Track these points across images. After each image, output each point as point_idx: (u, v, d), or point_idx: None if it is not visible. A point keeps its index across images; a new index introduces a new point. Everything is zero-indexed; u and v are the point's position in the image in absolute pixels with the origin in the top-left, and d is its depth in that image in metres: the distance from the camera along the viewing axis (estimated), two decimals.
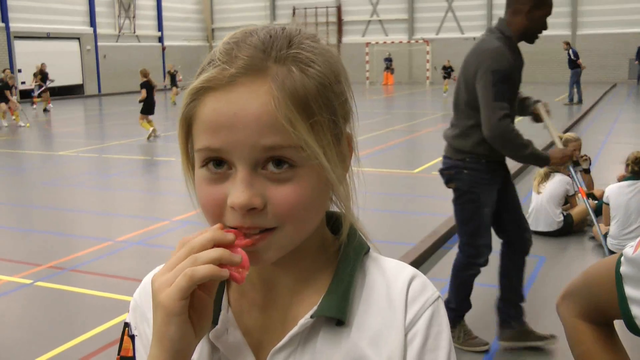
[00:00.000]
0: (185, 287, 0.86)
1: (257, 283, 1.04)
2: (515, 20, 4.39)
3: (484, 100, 4.24)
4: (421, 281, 1.02)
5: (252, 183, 0.89)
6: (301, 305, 1.01)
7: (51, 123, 22.92)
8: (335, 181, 0.94)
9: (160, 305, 0.88)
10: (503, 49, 4.29)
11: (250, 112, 0.87)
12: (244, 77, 0.89)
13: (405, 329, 0.98)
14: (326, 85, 0.92)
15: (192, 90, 0.92)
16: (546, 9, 4.35)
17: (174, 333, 0.88)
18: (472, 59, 4.44)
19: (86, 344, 4.98)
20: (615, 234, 6.76)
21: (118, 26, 42.88)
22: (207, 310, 0.92)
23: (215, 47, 0.95)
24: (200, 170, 0.94)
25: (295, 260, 1.00)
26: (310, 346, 0.99)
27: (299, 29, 0.96)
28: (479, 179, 4.47)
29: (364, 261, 1.05)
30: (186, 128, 0.95)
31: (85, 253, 7.29)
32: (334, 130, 0.93)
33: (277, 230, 0.92)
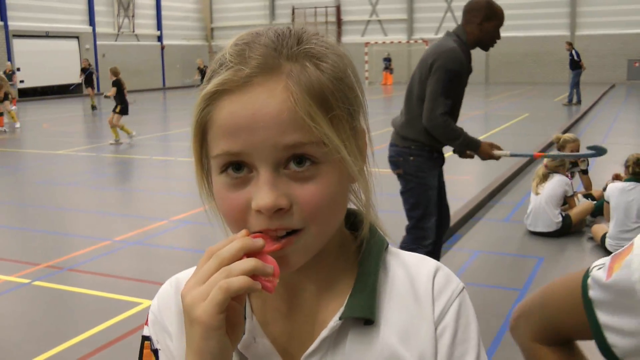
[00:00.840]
0: (222, 300, 0.84)
1: (280, 289, 1.01)
2: (468, 30, 4.80)
3: (432, 94, 4.65)
4: (445, 273, 1.02)
5: (276, 184, 0.88)
6: (327, 307, 1.00)
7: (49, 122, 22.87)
8: (357, 175, 0.94)
9: (197, 321, 0.85)
10: (459, 51, 4.68)
11: (269, 111, 0.86)
12: (259, 76, 0.88)
13: (435, 322, 0.98)
14: (340, 79, 0.92)
15: (205, 95, 0.91)
16: (496, 20, 4.78)
17: (214, 347, 0.86)
18: (429, 57, 4.77)
19: (84, 344, 4.97)
20: (613, 234, 6.76)
21: (117, 25, 42.88)
22: (239, 319, 0.91)
23: (223, 50, 0.94)
24: (219, 177, 0.92)
25: (317, 263, 0.98)
26: (340, 349, 0.97)
27: (304, 27, 0.96)
28: (423, 164, 4.86)
29: (384, 257, 1.04)
30: (200, 135, 0.94)
31: (83, 252, 7.28)
32: (351, 123, 0.93)
33: (303, 232, 0.90)
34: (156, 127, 21.12)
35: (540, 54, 41.57)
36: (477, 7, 4.80)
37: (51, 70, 37.32)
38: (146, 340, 1.08)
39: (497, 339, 4.88)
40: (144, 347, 1.08)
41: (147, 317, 1.10)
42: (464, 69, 4.77)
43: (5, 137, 19.08)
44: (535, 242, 7.40)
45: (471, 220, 8.23)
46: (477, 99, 28.53)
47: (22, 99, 35.25)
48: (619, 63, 40.71)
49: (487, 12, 4.78)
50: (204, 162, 0.97)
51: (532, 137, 15.71)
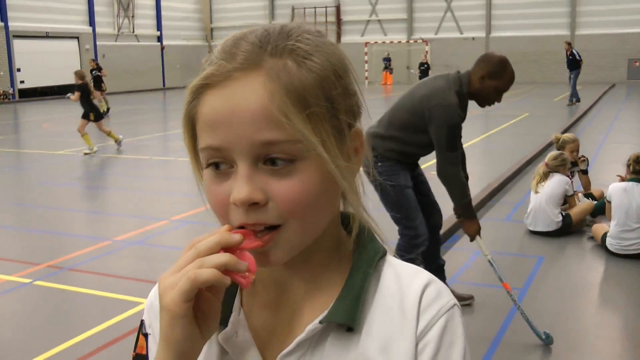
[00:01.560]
0: (188, 290, 0.85)
1: (270, 284, 1.03)
2: (472, 78, 4.81)
3: (439, 149, 4.80)
4: (436, 288, 0.98)
5: (253, 178, 0.89)
6: (313, 308, 0.99)
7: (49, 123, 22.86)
8: (335, 172, 0.92)
9: (165, 308, 0.88)
10: (457, 106, 4.73)
11: (246, 107, 0.87)
12: (240, 72, 0.89)
13: (417, 338, 0.95)
14: (325, 78, 0.91)
15: (192, 88, 0.92)
16: (499, 82, 4.76)
17: (179, 335, 0.88)
18: (425, 101, 4.81)
19: (84, 344, 4.97)
20: (614, 234, 6.76)
21: (117, 26, 42.87)
22: (214, 311, 0.92)
23: (215, 49, 0.95)
24: (206, 171, 0.94)
25: (307, 262, 0.99)
26: (319, 352, 0.97)
27: (300, 25, 0.96)
28: (391, 167, 4.95)
29: (379, 265, 1.02)
30: (190, 128, 0.95)
31: (83, 252, 7.29)
32: (333, 122, 0.92)
33: (284, 228, 0.91)
34: (156, 127, 21.11)
35: (540, 54, 41.57)
36: (489, 60, 4.79)
37: (51, 71, 37.31)
38: (142, 324, 1.10)
39: (497, 339, 4.89)
40: (140, 331, 1.11)
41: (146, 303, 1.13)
42: (461, 120, 4.87)
43: (4, 137, 19.09)
44: (536, 242, 7.40)
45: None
46: None
47: (22, 100, 35.27)
48: (619, 62, 40.71)
49: (495, 69, 4.74)
50: (197, 156, 0.98)
51: (532, 137, 15.71)
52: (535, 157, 12.36)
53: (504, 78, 4.77)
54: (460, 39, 44.26)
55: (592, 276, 6.53)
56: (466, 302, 5.49)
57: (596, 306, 5.77)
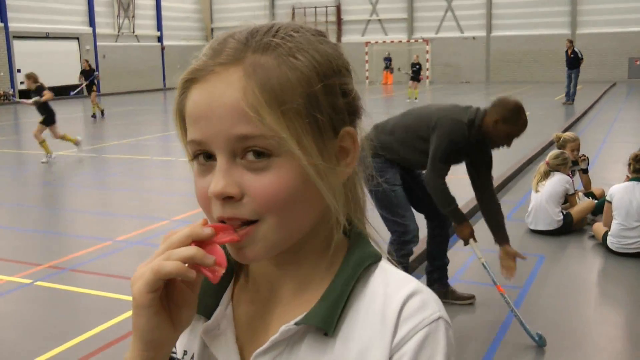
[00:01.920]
0: (151, 281, 0.87)
1: (260, 282, 1.03)
2: (486, 120, 4.84)
3: (432, 156, 4.82)
4: (421, 299, 0.93)
5: (230, 172, 0.89)
6: (297, 309, 0.98)
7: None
8: (309, 170, 0.90)
9: (133, 297, 0.89)
10: (464, 127, 4.79)
11: (222, 102, 0.88)
12: (220, 66, 0.90)
13: (392, 350, 0.91)
14: (307, 76, 0.90)
15: (180, 82, 0.94)
16: (512, 128, 4.81)
17: (144, 324, 0.89)
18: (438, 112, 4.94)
19: (86, 344, 4.98)
20: (615, 232, 6.76)
21: (117, 26, 42.89)
22: (188, 303, 0.92)
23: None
24: (193, 163, 0.95)
25: (296, 262, 0.98)
26: (295, 353, 0.95)
27: (290, 24, 0.96)
28: (380, 164, 4.98)
29: (370, 270, 0.98)
30: (181, 122, 0.96)
31: (84, 253, 7.29)
32: (311, 119, 0.91)
33: (260, 224, 0.90)
34: (157, 128, 21.12)
35: (540, 53, 41.57)
36: (503, 105, 4.82)
37: (52, 72, 37.28)
38: None
39: (498, 338, 4.89)
40: None
41: None
42: (465, 144, 4.85)
43: (4, 137, 19.09)
44: (536, 241, 7.40)
45: (472, 219, 8.22)
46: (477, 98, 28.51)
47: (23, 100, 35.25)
48: (620, 61, 40.71)
49: (509, 114, 4.78)
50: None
51: (533, 136, 15.66)
52: (536, 156, 12.36)
53: (517, 125, 4.82)
54: (461, 38, 44.25)
55: (593, 275, 6.53)
56: (467, 302, 5.49)
57: (597, 304, 5.77)
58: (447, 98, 29.53)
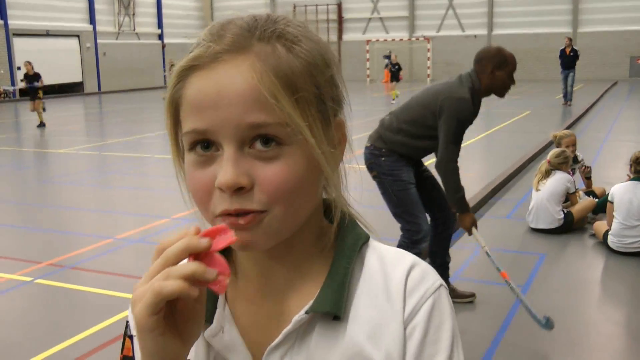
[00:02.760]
0: (153, 303, 0.81)
1: (253, 277, 1.02)
2: (481, 78, 4.92)
3: (444, 140, 4.85)
4: (421, 270, 0.98)
5: (239, 162, 0.87)
6: (298, 300, 0.99)
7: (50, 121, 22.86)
8: (321, 158, 0.91)
9: (135, 320, 0.84)
10: (469, 101, 4.85)
11: (233, 89, 0.86)
12: (228, 54, 0.88)
13: (405, 322, 0.95)
14: (312, 64, 0.91)
15: (178, 71, 0.91)
16: (508, 67, 4.91)
17: (151, 347, 0.84)
18: (441, 97, 4.91)
19: (86, 342, 4.97)
20: (616, 231, 6.75)
21: (118, 23, 42.88)
22: (196, 315, 0.87)
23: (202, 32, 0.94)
24: (188, 155, 0.92)
25: (290, 251, 0.98)
26: (306, 343, 0.96)
27: (286, 15, 0.96)
28: (394, 163, 5.02)
29: (363, 251, 1.01)
30: (174, 112, 0.94)
31: (85, 250, 7.29)
32: (320, 107, 0.92)
33: (267, 214, 0.89)
34: (158, 126, 21.10)
35: (542, 52, 41.54)
36: (488, 56, 4.91)
37: (52, 69, 37.30)
38: (127, 326, 1.08)
39: (499, 337, 4.89)
40: (126, 333, 1.08)
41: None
42: (473, 117, 4.97)
43: (5, 135, 19.09)
44: (537, 239, 7.40)
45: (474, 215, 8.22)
46: None
47: (23, 98, 35.22)
48: (622, 60, 40.69)
49: (498, 59, 4.88)
50: (179, 142, 0.97)
51: (533, 134, 15.70)
52: (537, 154, 12.35)
53: (509, 63, 4.91)
54: (462, 36, 44.24)
55: (593, 273, 6.53)
56: (468, 300, 5.49)
57: (598, 303, 5.77)
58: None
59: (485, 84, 4.92)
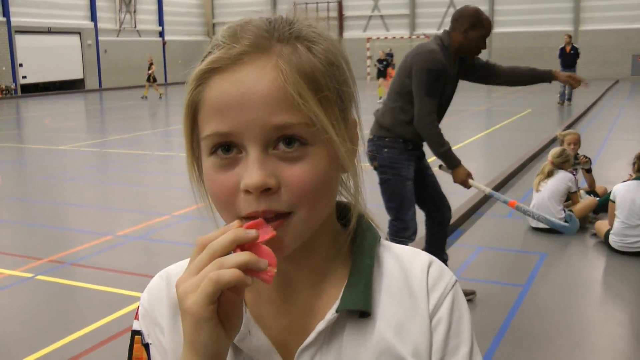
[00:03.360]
0: (212, 292, 0.82)
1: (274, 281, 1.01)
2: (453, 36, 4.95)
3: (418, 95, 4.83)
4: (438, 266, 1.03)
5: (265, 164, 0.87)
6: (320, 300, 1.00)
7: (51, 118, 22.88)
8: (344, 158, 0.93)
9: (188, 312, 0.84)
10: (438, 52, 4.85)
11: (258, 90, 0.86)
12: (250, 55, 0.88)
13: (430, 315, 0.99)
14: (332, 63, 0.92)
15: (197, 74, 0.91)
16: (482, 30, 4.93)
17: (206, 338, 0.85)
18: (409, 57, 4.99)
19: (86, 338, 4.98)
20: (617, 231, 6.74)
21: (119, 21, 42.89)
22: (237, 309, 0.88)
23: (217, 34, 0.94)
24: (209, 159, 0.91)
25: (309, 254, 0.98)
26: (335, 341, 0.97)
27: (296, 16, 0.96)
28: (397, 156, 5.02)
29: (378, 251, 1.04)
30: (191, 116, 0.93)
31: (85, 247, 7.29)
32: (341, 106, 0.93)
33: (293, 215, 0.90)
34: (158, 123, 21.14)
35: (543, 50, 41.49)
36: (464, 15, 4.95)
37: (53, 66, 37.37)
38: (136, 334, 1.06)
39: (500, 335, 4.88)
40: (135, 342, 1.06)
41: (137, 311, 1.08)
42: (445, 70, 4.89)
43: (6, 131, 19.10)
44: (538, 238, 7.39)
45: (474, 215, 8.23)
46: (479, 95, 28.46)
47: (25, 95, 35.31)
48: (623, 58, 40.63)
49: (474, 20, 4.91)
50: (194, 147, 0.96)
51: (534, 133, 15.69)
52: (538, 153, 12.35)
53: (484, 24, 4.94)
54: None
55: (594, 273, 6.52)
56: (468, 298, 5.48)
57: (599, 303, 5.76)
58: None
59: (457, 42, 4.94)
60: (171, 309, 1.02)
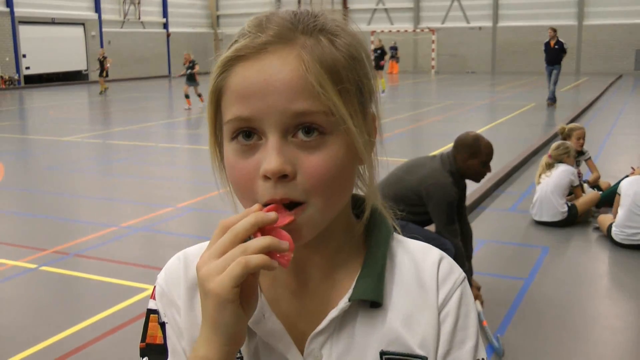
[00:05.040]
0: (240, 275, 0.86)
1: (289, 267, 1.03)
2: (458, 163, 5.08)
3: (442, 224, 4.98)
4: (448, 262, 1.06)
5: (284, 150, 0.90)
6: (334, 288, 1.03)
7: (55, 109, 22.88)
8: (361, 148, 0.95)
9: (211, 293, 0.87)
10: (452, 184, 4.99)
11: (280, 78, 0.89)
12: (274, 45, 0.91)
13: (438, 308, 1.02)
14: (353, 57, 0.94)
15: (223, 60, 0.94)
16: (481, 157, 5.05)
17: (229, 319, 0.88)
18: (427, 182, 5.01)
19: (90, 329, 5.00)
20: (620, 223, 6.75)
21: (123, 12, 42.81)
22: (254, 292, 0.92)
23: (244, 24, 0.97)
24: (230, 144, 0.94)
25: (324, 242, 1.00)
26: (346, 329, 1.00)
27: (321, 10, 0.98)
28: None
29: (390, 243, 1.06)
30: (215, 101, 0.96)
31: (89, 238, 7.32)
32: (360, 99, 0.95)
33: (308, 206, 0.92)
34: (162, 115, 21.13)
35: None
36: (465, 144, 5.07)
37: (57, 57, 37.33)
38: (152, 313, 1.09)
39: (502, 328, 4.90)
40: (150, 320, 1.09)
41: (153, 291, 1.10)
42: (457, 195, 5.06)
43: (10, 123, 19.13)
44: (541, 232, 7.40)
45: (477, 209, 8.24)
46: (483, 89, 28.45)
47: (28, 86, 35.30)
48: (627, 53, 40.49)
49: (473, 149, 5.04)
50: (217, 133, 0.99)
51: (538, 127, 15.69)
52: (541, 147, 12.34)
53: (482, 152, 5.04)
54: (467, 28, 44.08)
55: (597, 267, 6.54)
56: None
57: (601, 296, 5.77)
58: (452, 88, 29.49)
59: (461, 170, 5.09)
60: (188, 290, 1.05)
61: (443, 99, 24.25)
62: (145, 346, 1.08)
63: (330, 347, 1.00)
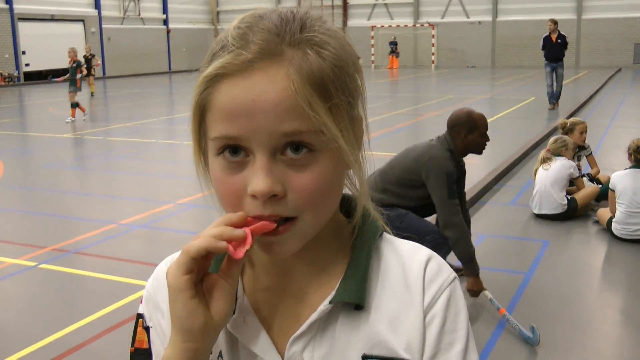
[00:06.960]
0: (182, 261, 0.88)
1: (272, 270, 1.03)
2: (456, 142, 5.12)
3: (441, 198, 4.93)
4: (437, 262, 1.02)
5: (272, 170, 0.88)
6: (318, 290, 1.01)
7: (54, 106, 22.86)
8: (353, 164, 0.94)
9: (168, 285, 0.90)
10: (450, 158, 5.03)
11: (269, 98, 0.86)
12: (260, 62, 0.87)
13: (424, 311, 0.99)
14: (341, 67, 0.91)
15: (206, 77, 0.90)
16: (479, 130, 5.11)
17: (180, 310, 0.89)
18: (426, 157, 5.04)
19: (90, 327, 4.99)
20: (620, 219, 6.75)
21: (123, 8, 42.79)
22: (224, 294, 0.92)
23: (224, 32, 0.93)
24: (216, 159, 0.92)
25: (309, 246, 0.98)
26: (329, 332, 0.99)
27: (309, 13, 0.94)
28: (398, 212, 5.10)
29: (378, 244, 1.04)
30: (199, 116, 0.94)
31: (89, 236, 7.31)
32: (350, 112, 0.93)
33: (298, 220, 0.91)
34: (162, 111, 21.11)
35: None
36: (459, 122, 5.10)
37: (57, 54, 37.25)
38: (140, 317, 1.10)
39: (502, 323, 4.89)
40: (138, 325, 1.10)
41: (142, 296, 1.11)
42: (455, 172, 5.05)
43: (10, 119, 19.12)
44: (541, 226, 7.40)
45: (477, 203, 8.23)
46: (483, 83, 28.43)
47: (28, 82, 35.28)
48: (625, 47, 40.48)
49: (470, 125, 5.08)
50: (201, 142, 0.97)
51: (538, 120, 15.68)
52: (542, 140, 12.33)
53: (478, 125, 5.11)
54: (467, 23, 44.04)
55: (597, 260, 6.53)
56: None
57: (601, 290, 5.77)
58: (452, 83, 29.45)
59: (461, 147, 5.12)
60: None
61: (443, 94, 24.21)
62: (134, 350, 1.09)
63: (312, 351, 0.98)
